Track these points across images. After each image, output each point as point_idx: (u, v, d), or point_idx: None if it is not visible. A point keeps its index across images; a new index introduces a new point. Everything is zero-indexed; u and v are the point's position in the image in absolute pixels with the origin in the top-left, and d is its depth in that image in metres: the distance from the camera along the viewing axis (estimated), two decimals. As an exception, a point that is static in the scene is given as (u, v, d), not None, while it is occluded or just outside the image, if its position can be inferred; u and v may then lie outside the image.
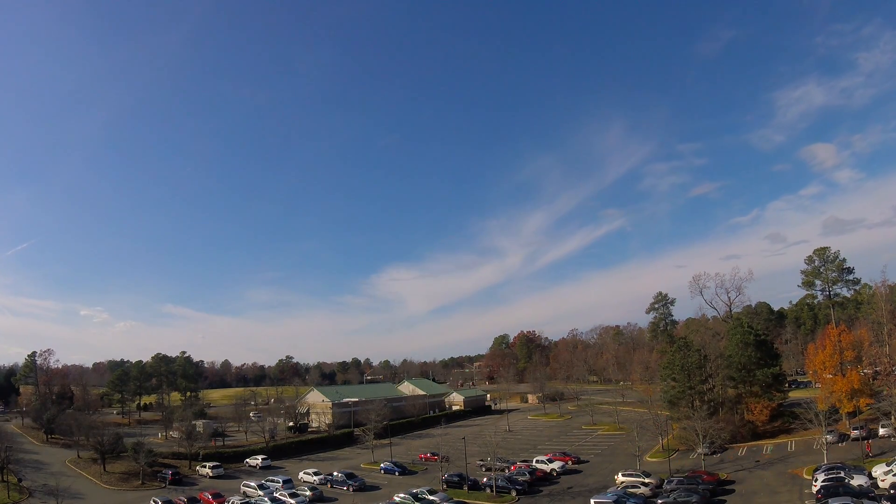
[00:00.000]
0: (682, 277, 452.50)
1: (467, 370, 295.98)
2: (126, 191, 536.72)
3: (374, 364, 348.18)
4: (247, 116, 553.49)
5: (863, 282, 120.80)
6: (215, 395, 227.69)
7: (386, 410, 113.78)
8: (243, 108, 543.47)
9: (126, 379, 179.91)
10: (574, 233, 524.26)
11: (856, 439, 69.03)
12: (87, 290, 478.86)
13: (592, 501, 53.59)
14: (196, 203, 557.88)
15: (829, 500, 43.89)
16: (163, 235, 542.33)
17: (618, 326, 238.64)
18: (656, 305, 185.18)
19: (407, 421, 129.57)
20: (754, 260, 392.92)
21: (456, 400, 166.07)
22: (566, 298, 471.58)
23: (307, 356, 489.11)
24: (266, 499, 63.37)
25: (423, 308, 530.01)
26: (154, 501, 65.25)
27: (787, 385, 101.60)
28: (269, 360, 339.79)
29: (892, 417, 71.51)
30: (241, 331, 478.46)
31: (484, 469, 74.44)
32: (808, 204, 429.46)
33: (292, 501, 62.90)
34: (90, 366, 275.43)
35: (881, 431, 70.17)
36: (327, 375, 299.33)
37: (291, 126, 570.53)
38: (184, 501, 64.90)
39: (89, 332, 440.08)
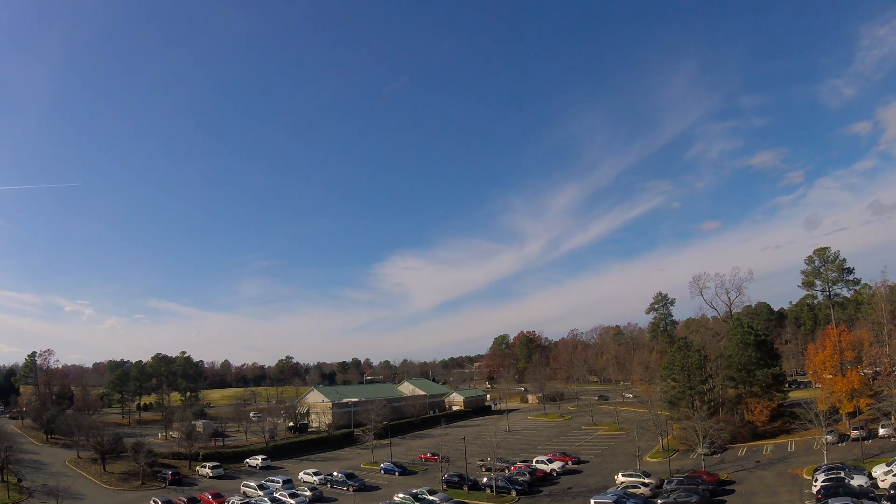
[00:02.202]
0: (709, 270, 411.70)
1: (467, 370, 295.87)
2: (84, 162, 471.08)
3: (374, 364, 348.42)
4: (224, 54, 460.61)
5: (863, 282, 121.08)
6: (215, 396, 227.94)
7: (386, 411, 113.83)
8: (221, 42, 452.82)
9: (126, 379, 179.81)
10: (606, 213, 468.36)
11: (856, 439, 68.98)
12: (67, 283, 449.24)
13: (593, 501, 53.59)
14: (169, 179, 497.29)
15: (829, 501, 43.84)
16: (135, 217, 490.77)
17: (618, 326, 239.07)
18: (656, 306, 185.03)
19: (407, 421, 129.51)
20: (789, 252, 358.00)
21: (456, 400, 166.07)
22: (580, 293, 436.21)
23: (307, 356, 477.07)
24: (266, 499, 63.38)
25: (429, 303, 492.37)
26: (154, 501, 65.22)
27: (787, 385, 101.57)
28: (268, 361, 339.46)
29: (893, 417, 71.50)
30: (237, 329, 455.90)
31: (484, 469, 74.40)
32: (856, 182, 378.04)
33: (292, 501, 62.88)
34: (90, 366, 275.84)
35: (881, 431, 70.09)
36: (327, 375, 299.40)
37: (276, 68, 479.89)
38: (184, 501, 64.85)
39: (77, 329, 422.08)
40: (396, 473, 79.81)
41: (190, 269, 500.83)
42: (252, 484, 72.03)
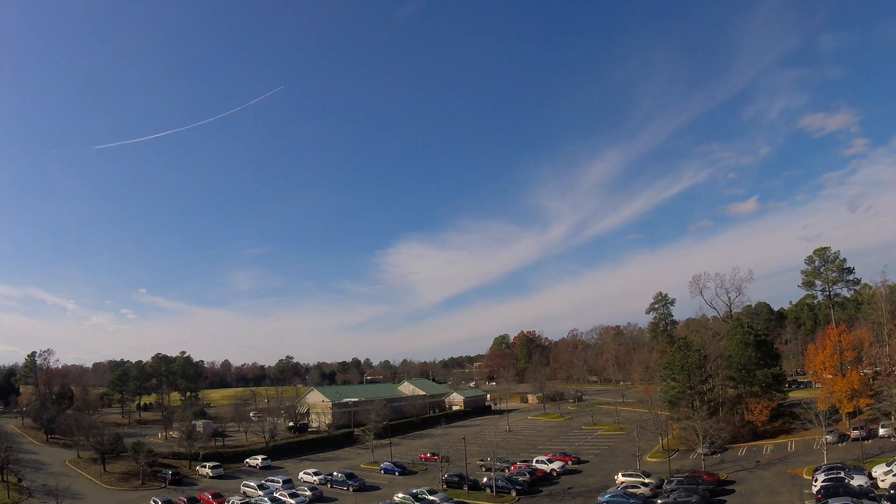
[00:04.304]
0: (737, 262, 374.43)
1: (467, 370, 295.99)
2: (41, 139, 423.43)
3: (374, 364, 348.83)
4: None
5: (863, 282, 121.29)
6: (215, 395, 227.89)
7: (386, 410, 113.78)
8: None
9: (126, 379, 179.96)
10: (643, 189, 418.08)
11: (856, 439, 69.00)
12: (44, 275, 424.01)
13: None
14: (141, 154, 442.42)
15: (829, 501, 43.86)
16: (106, 199, 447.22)
17: (618, 326, 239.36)
18: (656, 305, 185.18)
19: (407, 421, 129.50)
20: (828, 243, 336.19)
21: (456, 400, 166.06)
22: (596, 287, 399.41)
23: (306, 356, 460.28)
24: (266, 499, 63.38)
25: (435, 297, 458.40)
26: (154, 501, 65.23)
27: (787, 385, 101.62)
28: (268, 360, 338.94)
29: (893, 417, 71.49)
30: (233, 326, 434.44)
31: (484, 469, 74.39)
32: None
33: (292, 501, 62.88)
34: (90, 366, 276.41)
35: (881, 431, 70.12)
36: (327, 375, 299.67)
37: (266, 18, 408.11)
38: (184, 501, 64.87)
39: (65, 325, 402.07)
40: (396, 473, 79.78)
41: (174, 259, 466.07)
42: (252, 484, 72.00)
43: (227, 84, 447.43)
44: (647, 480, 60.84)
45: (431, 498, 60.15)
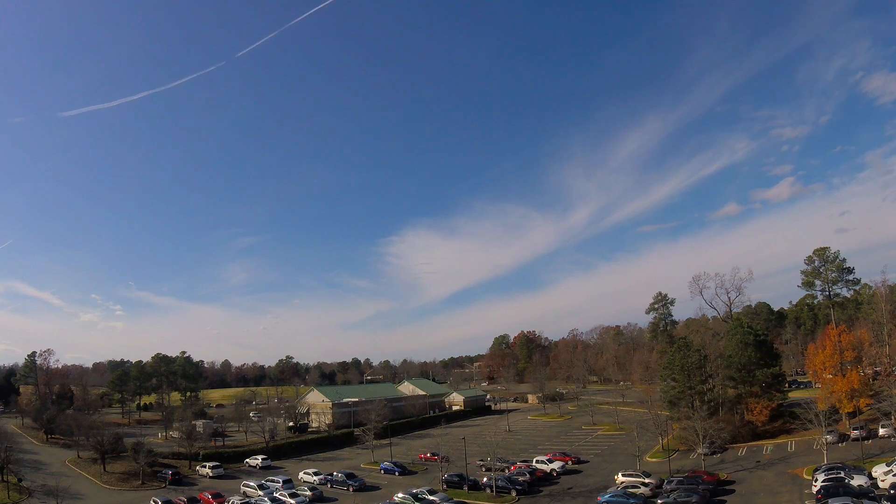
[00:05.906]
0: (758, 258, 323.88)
1: (467, 370, 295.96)
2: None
3: (374, 364, 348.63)
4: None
5: (863, 282, 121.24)
6: (215, 395, 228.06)
7: (386, 410, 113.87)
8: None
9: (126, 379, 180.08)
10: (679, 167, 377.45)
11: (856, 439, 68.98)
12: (23, 267, 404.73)
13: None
14: (118, 125, 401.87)
15: (829, 501, 43.85)
16: (82, 178, 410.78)
17: (618, 326, 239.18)
18: (656, 306, 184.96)
19: (407, 421, 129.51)
20: (859, 237, 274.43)
21: (456, 400, 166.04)
22: (608, 283, 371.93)
23: (306, 355, 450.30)
24: (266, 499, 63.40)
25: (441, 293, 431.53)
26: (154, 501, 65.26)
27: (787, 385, 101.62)
28: (268, 361, 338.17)
29: (893, 417, 71.49)
30: (229, 324, 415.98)
31: (484, 469, 74.39)
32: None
33: (292, 501, 62.90)
34: (90, 366, 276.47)
35: (881, 431, 70.14)
36: (327, 375, 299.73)
37: None
38: (184, 501, 64.89)
39: (56, 323, 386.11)
40: (396, 473, 79.80)
41: (161, 249, 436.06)
42: (252, 484, 72.03)
43: (210, 41, 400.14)
44: (647, 480, 60.86)
45: (431, 498, 60.17)
